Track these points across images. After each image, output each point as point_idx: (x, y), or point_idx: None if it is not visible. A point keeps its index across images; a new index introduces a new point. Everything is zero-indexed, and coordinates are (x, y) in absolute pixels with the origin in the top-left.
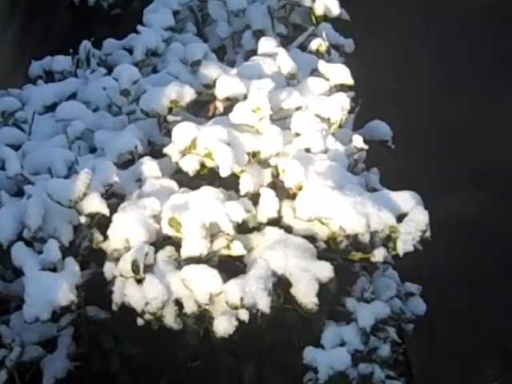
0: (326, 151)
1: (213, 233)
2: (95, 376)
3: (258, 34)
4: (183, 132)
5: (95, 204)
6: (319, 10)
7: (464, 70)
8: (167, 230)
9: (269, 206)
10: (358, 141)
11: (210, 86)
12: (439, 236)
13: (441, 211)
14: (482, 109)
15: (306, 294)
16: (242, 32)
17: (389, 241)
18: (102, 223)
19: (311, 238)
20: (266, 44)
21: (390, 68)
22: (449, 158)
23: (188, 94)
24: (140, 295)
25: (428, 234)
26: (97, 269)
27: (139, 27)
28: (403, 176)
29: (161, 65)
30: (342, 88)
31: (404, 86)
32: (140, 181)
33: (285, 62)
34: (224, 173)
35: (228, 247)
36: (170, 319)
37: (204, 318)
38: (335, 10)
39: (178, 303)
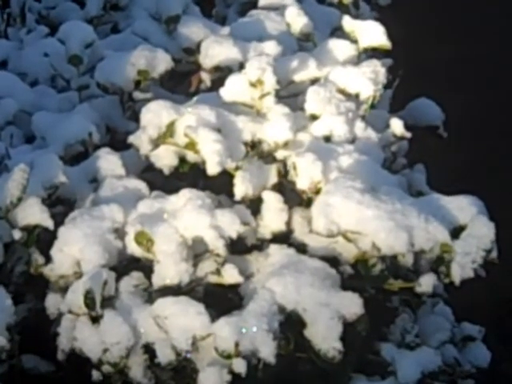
0: (353, 140)
1: (197, 253)
2: None
3: None
4: (156, 114)
5: (34, 213)
6: None
7: None
8: (134, 250)
9: (274, 215)
10: (397, 126)
11: (193, 50)
12: (508, 258)
13: (507, 224)
14: None
15: (325, 338)
16: None
17: (440, 264)
18: (43, 240)
19: (333, 261)
20: None
21: (441, 26)
22: None
23: (162, 63)
24: (96, 339)
25: (494, 254)
26: (36, 303)
27: None
28: (459, 175)
29: (124, 22)
30: (374, 53)
31: (461, 51)
32: (96, 181)
33: (296, 17)
34: (212, 170)
35: (218, 273)
36: (137, 372)
37: (185, 370)
38: None
39: (149, 350)
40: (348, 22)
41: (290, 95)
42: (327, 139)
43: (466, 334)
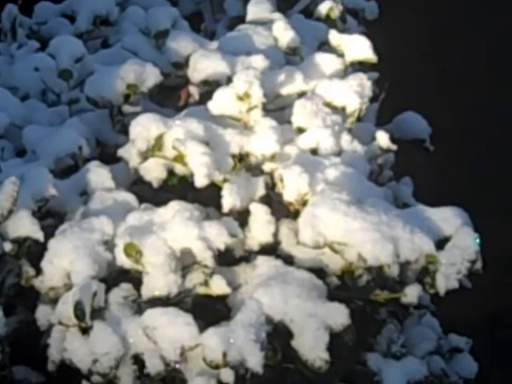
0: (339, 153)
1: (185, 264)
2: None
3: None
4: (144, 127)
5: (24, 226)
6: None
7: None
8: (123, 261)
9: (261, 227)
10: (383, 139)
11: (181, 64)
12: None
13: (494, 237)
14: None
15: (312, 348)
16: None
17: (425, 275)
18: (33, 252)
19: (319, 272)
20: (258, 8)
21: (427, 41)
22: (506, 166)
23: (151, 77)
24: (86, 350)
25: (479, 265)
26: (27, 314)
27: None
28: (445, 188)
29: (114, 37)
30: (361, 67)
31: (449, 65)
32: (86, 194)
33: (283, 32)
34: (200, 183)
35: (206, 284)
36: (126, 382)
37: (174, 380)
38: None
39: (138, 361)
40: (334, 36)
41: (277, 108)
42: (314, 152)
43: (453, 345)
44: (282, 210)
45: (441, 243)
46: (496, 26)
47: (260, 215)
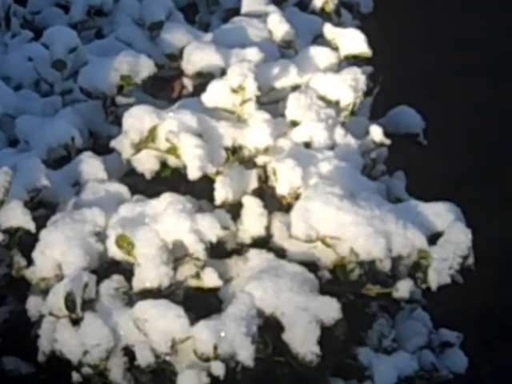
0: (332, 147)
1: (177, 257)
2: None
3: None
4: (138, 119)
5: (16, 216)
6: None
7: None
8: (114, 253)
9: (254, 220)
10: (376, 133)
11: (175, 56)
12: (485, 267)
13: (486, 232)
14: None
15: (303, 342)
16: None
17: (417, 270)
18: (25, 242)
19: (311, 266)
20: (253, 0)
21: (422, 34)
22: (499, 161)
23: (145, 68)
24: (76, 341)
25: (471, 260)
26: (17, 305)
27: None
28: (438, 183)
29: (108, 27)
30: (355, 61)
31: (442, 61)
32: (78, 185)
33: (278, 24)
34: (193, 175)
35: (197, 276)
36: (117, 374)
37: (164, 373)
38: None
39: (129, 352)
40: (329, 30)
41: (271, 101)
42: (307, 145)
43: (444, 339)
44: (275, 204)
45: (433, 238)
46: (494, 20)
47: (252, 208)
